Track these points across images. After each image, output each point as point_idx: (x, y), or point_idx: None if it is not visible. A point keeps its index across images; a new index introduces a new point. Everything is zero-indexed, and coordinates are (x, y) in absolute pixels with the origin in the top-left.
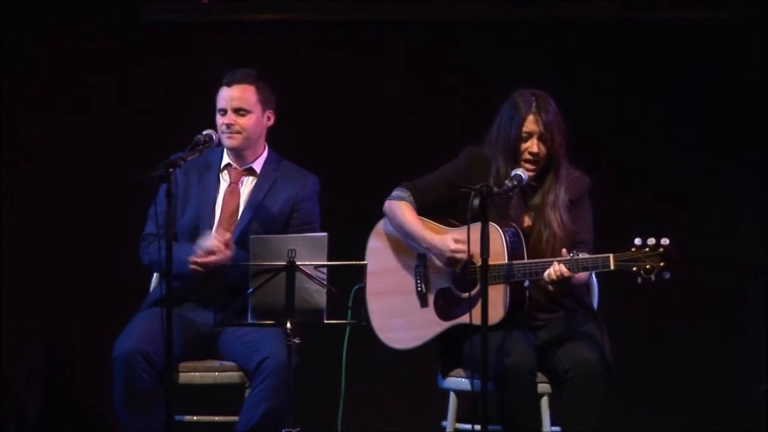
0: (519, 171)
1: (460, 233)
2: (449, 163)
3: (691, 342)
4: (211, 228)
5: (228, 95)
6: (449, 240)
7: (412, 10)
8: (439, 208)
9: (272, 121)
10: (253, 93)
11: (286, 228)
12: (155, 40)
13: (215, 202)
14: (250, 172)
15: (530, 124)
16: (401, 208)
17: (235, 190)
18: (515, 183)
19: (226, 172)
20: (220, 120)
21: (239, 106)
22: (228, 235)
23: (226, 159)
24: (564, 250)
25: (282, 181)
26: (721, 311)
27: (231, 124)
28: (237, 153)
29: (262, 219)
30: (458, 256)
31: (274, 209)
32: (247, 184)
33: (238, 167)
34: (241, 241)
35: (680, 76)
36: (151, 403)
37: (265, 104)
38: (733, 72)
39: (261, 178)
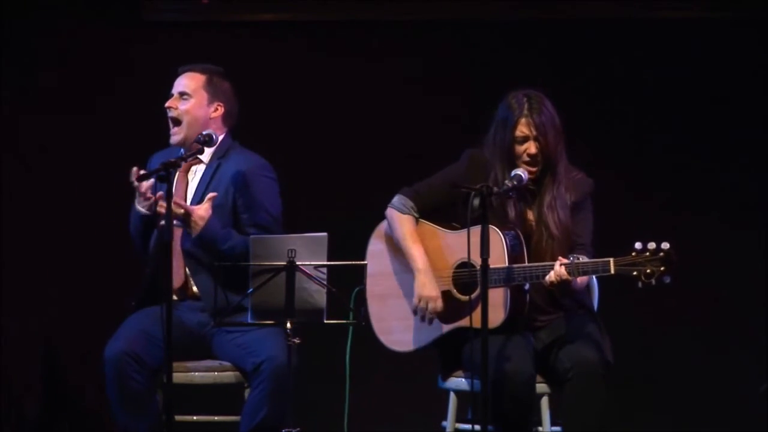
0: (519, 171)
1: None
2: (450, 166)
3: (691, 342)
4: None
5: (177, 82)
6: (429, 286)
7: (411, 11)
8: (441, 211)
9: (219, 113)
10: (200, 80)
11: (236, 216)
12: (155, 40)
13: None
14: (199, 161)
15: (523, 127)
16: (402, 224)
17: (182, 178)
18: (515, 183)
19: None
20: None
21: (182, 90)
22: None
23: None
24: (561, 257)
25: (225, 167)
26: (721, 312)
27: (170, 107)
28: (183, 146)
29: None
30: (421, 306)
31: (219, 197)
32: (197, 174)
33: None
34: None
35: (680, 77)
36: (145, 403)
37: (212, 94)
38: (734, 72)
39: (207, 167)
